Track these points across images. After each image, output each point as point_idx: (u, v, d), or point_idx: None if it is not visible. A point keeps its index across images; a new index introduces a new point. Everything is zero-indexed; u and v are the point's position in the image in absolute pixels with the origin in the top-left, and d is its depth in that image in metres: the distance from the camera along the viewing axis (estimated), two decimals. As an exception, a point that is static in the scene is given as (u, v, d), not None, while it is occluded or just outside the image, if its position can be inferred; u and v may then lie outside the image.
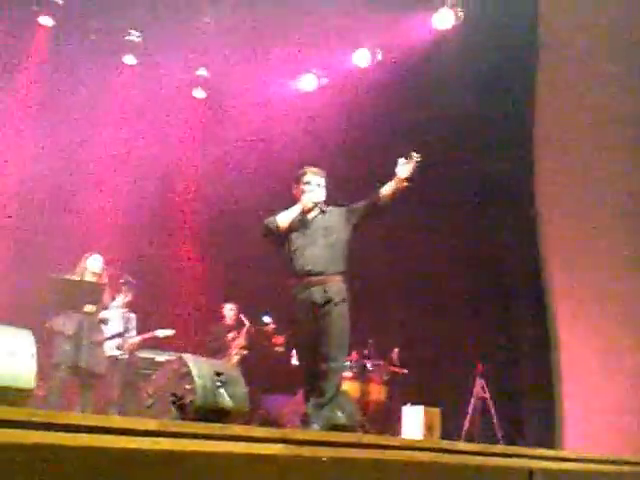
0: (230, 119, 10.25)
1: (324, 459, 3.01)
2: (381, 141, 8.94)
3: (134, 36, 9.56)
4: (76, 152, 9.13)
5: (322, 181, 5.09)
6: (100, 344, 6.64)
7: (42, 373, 5.51)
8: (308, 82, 10.20)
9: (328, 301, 4.71)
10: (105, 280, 6.73)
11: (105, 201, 9.60)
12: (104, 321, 6.71)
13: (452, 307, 8.47)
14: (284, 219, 4.92)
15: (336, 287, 4.79)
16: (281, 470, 2.88)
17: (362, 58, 9.57)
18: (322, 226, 4.91)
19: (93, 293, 6.56)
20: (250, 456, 2.84)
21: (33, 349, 3.92)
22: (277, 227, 4.90)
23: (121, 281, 7.03)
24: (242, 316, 8.32)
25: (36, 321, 6.16)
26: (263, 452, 2.92)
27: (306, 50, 9.52)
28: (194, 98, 10.40)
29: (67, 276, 6.57)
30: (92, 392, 6.45)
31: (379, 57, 9.55)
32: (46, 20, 9.03)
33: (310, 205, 4.92)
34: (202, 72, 10.21)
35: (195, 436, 2.71)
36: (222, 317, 8.53)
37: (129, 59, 9.74)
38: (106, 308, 6.79)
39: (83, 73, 9.10)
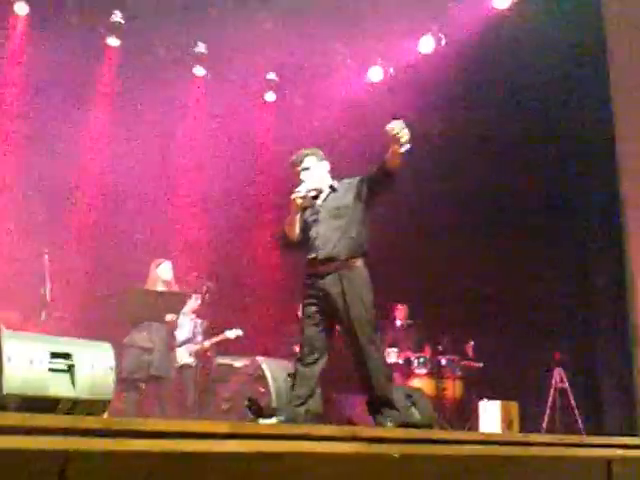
0: (301, 120, 10.32)
1: (395, 455, 3.02)
2: (451, 128, 8.94)
3: (200, 48, 9.79)
4: (152, 163, 9.39)
5: (309, 161, 4.67)
6: (171, 349, 6.83)
7: (120, 385, 5.71)
8: (376, 74, 10.20)
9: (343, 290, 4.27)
10: (175, 287, 6.89)
11: (183, 208, 9.83)
12: (174, 328, 6.90)
13: (526, 296, 8.36)
14: (288, 224, 4.54)
15: (351, 273, 4.34)
16: (353, 468, 2.92)
17: (427, 44, 9.50)
18: (333, 206, 4.51)
19: (176, 303, 6.73)
20: (322, 455, 2.88)
21: (112, 362, 4.05)
22: (285, 235, 4.58)
23: (203, 288, 7.12)
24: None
25: (116, 333, 6.42)
26: (335, 451, 2.96)
27: (371, 42, 9.55)
28: (265, 102, 10.54)
29: (147, 287, 6.75)
30: (168, 399, 6.64)
31: (443, 42, 9.46)
32: (113, 41, 9.37)
33: (299, 201, 4.44)
34: (272, 76, 10.36)
35: (267, 437, 2.78)
36: (298, 318, 8.59)
37: (198, 70, 9.99)
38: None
39: (154, 88, 9.36)
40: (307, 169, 4.62)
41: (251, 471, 2.57)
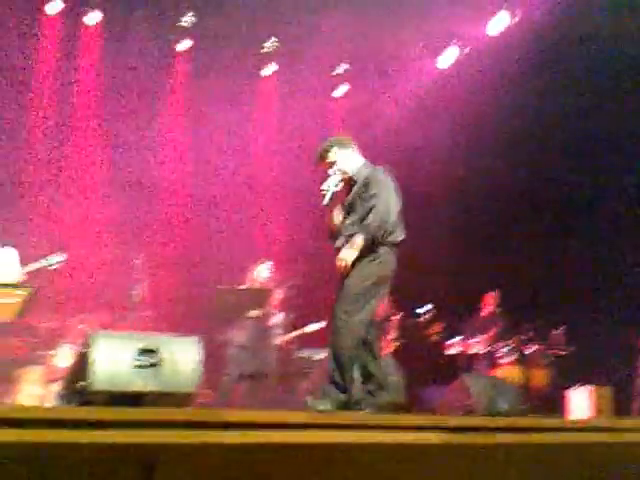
0: (374, 110, 10.25)
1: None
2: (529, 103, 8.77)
3: (270, 44, 9.88)
4: (233, 162, 9.52)
5: (331, 156, 4.53)
6: (266, 346, 6.95)
7: (211, 382, 5.83)
8: (449, 56, 10.05)
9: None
10: (271, 286, 7.01)
11: (266, 205, 9.93)
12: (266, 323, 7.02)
13: (615, 280, 8.14)
14: (333, 217, 4.49)
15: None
16: (437, 457, 2.90)
17: (497, 25, 9.30)
18: (349, 200, 4.45)
19: (258, 298, 6.84)
20: (406, 445, 2.87)
21: (198, 356, 4.13)
22: (330, 229, 4.51)
23: (288, 283, 7.20)
24: (393, 308, 8.34)
25: (205, 330, 6.58)
26: (420, 441, 2.94)
27: (441, 27, 9.41)
28: (337, 95, 10.54)
29: (234, 286, 6.91)
30: (260, 393, 6.75)
31: (514, 21, 9.23)
32: (183, 45, 9.58)
33: (325, 202, 4.39)
34: (341, 69, 10.35)
35: (347, 427, 2.79)
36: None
37: (269, 68, 10.09)
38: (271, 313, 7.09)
39: (226, 88, 9.48)
40: (333, 163, 4.51)
41: (335, 461, 2.58)
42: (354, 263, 4.24)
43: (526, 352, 7.98)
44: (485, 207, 9.18)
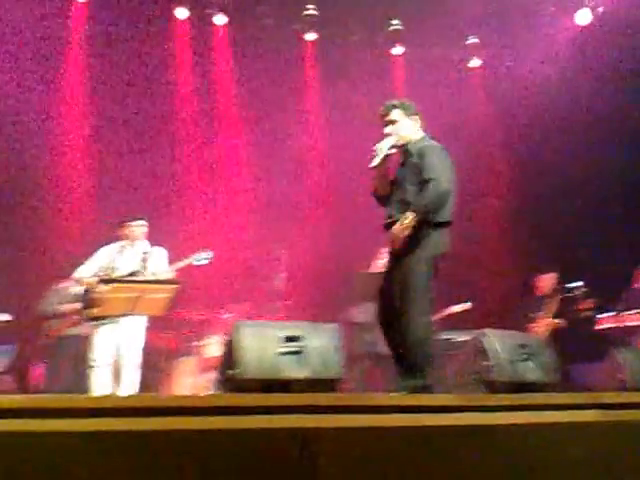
0: (509, 78, 9.96)
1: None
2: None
3: (396, 25, 9.80)
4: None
5: (396, 114, 4.30)
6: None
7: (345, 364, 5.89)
8: (583, 17, 9.55)
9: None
10: None
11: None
12: None
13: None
14: (373, 178, 4.31)
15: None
16: (596, 436, 2.80)
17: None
18: (406, 173, 4.22)
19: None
20: (563, 424, 2.79)
21: (339, 342, 4.20)
22: (375, 188, 4.34)
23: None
24: (556, 286, 8.09)
25: (338, 314, 6.68)
26: (576, 419, 2.86)
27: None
28: (470, 69, 10.32)
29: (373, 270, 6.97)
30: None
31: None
32: (310, 36, 9.73)
33: (376, 162, 4.17)
34: (473, 40, 10.10)
35: (501, 408, 2.75)
36: (535, 288, 8.33)
37: (397, 50, 10.03)
38: None
39: (355, 72, 9.51)
40: (393, 122, 4.28)
41: (486, 443, 2.55)
42: (411, 252, 4.09)
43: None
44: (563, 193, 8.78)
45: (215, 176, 9.38)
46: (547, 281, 8.19)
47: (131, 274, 5.88)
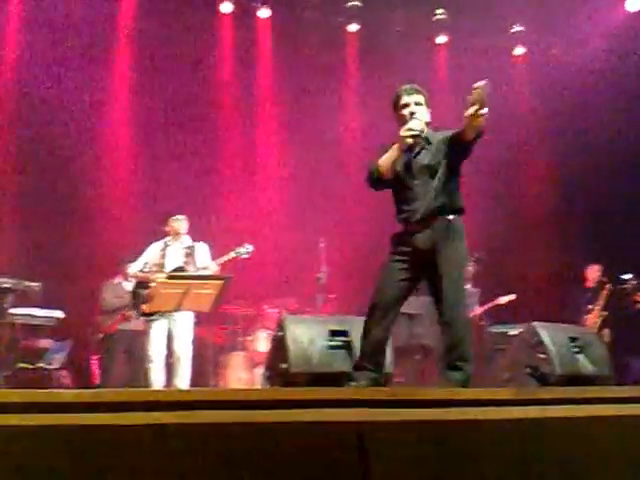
0: (557, 67, 9.81)
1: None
2: None
3: (440, 15, 9.75)
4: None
5: (421, 98, 4.13)
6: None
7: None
8: (634, 3, 9.34)
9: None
10: None
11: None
12: None
13: None
14: (385, 161, 4.07)
15: (444, 232, 3.98)
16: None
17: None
18: (426, 162, 4.08)
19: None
20: (615, 417, 2.76)
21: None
22: (377, 170, 4.12)
23: (473, 258, 7.12)
24: (603, 277, 7.99)
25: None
26: (631, 412, 2.82)
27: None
28: (514, 56, 10.19)
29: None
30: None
31: None
32: (353, 27, 9.75)
33: (409, 141, 3.95)
34: (518, 28, 9.99)
35: (553, 401, 2.73)
36: (584, 279, 8.23)
37: (441, 39, 9.99)
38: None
39: (396, 63, 9.47)
40: (420, 104, 4.11)
41: (539, 437, 2.53)
42: (458, 244, 4.01)
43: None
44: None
45: (255, 170, 9.47)
46: (593, 273, 8.11)
47: (176, 270, 5.99)
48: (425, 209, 3.99)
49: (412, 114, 4.01)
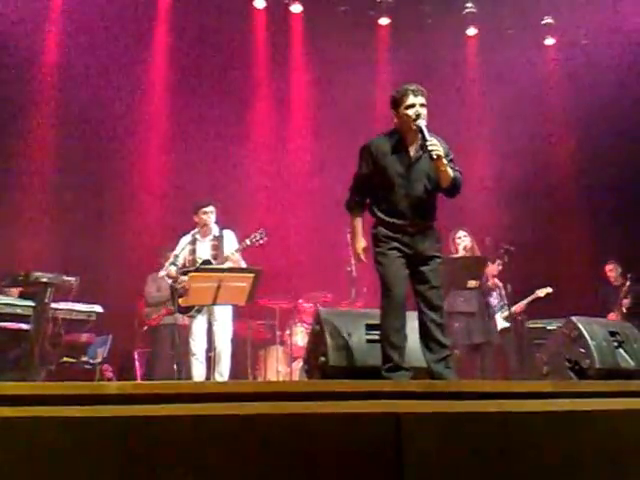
0: (588, 54, 9.71)
1: None
2: None
3: (470, 7, 9.74)
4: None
5: (425, 100, 4.14)
6: (489, 315, 6.95)
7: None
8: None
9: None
10: (478, 252, 6.96)
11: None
12: (485, 293, 7.01)
13: None
14: (353, 231, 4.40)
15: (432, 235, 4.22)
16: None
17: None
18: (425, 169, 4.15)
19: (474, 267, 6.82)
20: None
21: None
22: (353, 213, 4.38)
23: (501, 250, 7.09)
24: (627, 274, 7.96)
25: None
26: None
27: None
28: (544, 46, 10.12)
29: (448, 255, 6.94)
30: (490, 363, 6.78)
31: None
32: (383, 20, 9.80)
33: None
34: (548, 20, 9.93)
35: (594, 395, 2.75)
36: (608, 276, 8.22)
37: (470, 31, 9.99)
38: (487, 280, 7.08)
39: (426, 57, 9.45)
40: (424, 106, 4.14)
41: (584, 429, 2.56)
42: (434, 250, 4.23)
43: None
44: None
45: (286, 163, 9.53)
46: (613, 270, 8.10)
47: (205, 262, 6.07)
48: (423, 214, 4.16)
49: (418, 116, 4.06)
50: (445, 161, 4.03)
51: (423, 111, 4.09)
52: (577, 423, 2.60)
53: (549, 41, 10.14)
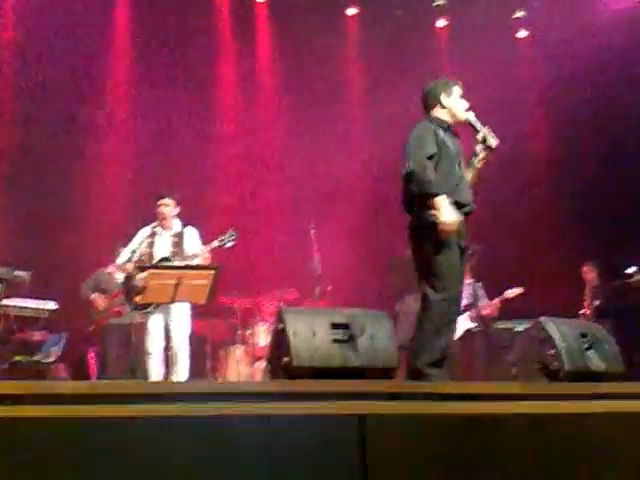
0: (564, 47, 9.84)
1: None
2: None
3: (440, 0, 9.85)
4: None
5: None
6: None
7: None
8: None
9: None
10: None
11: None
12: None
13: None
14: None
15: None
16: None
17: None
18: (459, 151, 4.28)
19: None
20: (625, 414, 2.82)
21: (391, 330, 4.24)
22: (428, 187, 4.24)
23: (468, 252, 7.13)
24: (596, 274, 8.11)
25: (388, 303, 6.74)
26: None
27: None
28: (518, 39, 10.25)
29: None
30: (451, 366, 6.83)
31: None
32: (351, 10, 9.91)
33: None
34: (520, 14, 10.05)
35: (563, 397, 2.78)
36: (584, 278, 8.34)
37: (440, 22, 10.11)
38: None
39: (396, 48, 9.51)
40: (462, 97, 4.38)
41: (545, 433, 2.59)
42: None
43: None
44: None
45: (246, 154, 9.51)
46: (588, 273, 8.23)
47: (162, 260, 5.99)
48: (470, 197, 4.27)
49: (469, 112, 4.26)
50: None
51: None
52: (546, 425, 2.63)
53: (521, 34, 10.26)
